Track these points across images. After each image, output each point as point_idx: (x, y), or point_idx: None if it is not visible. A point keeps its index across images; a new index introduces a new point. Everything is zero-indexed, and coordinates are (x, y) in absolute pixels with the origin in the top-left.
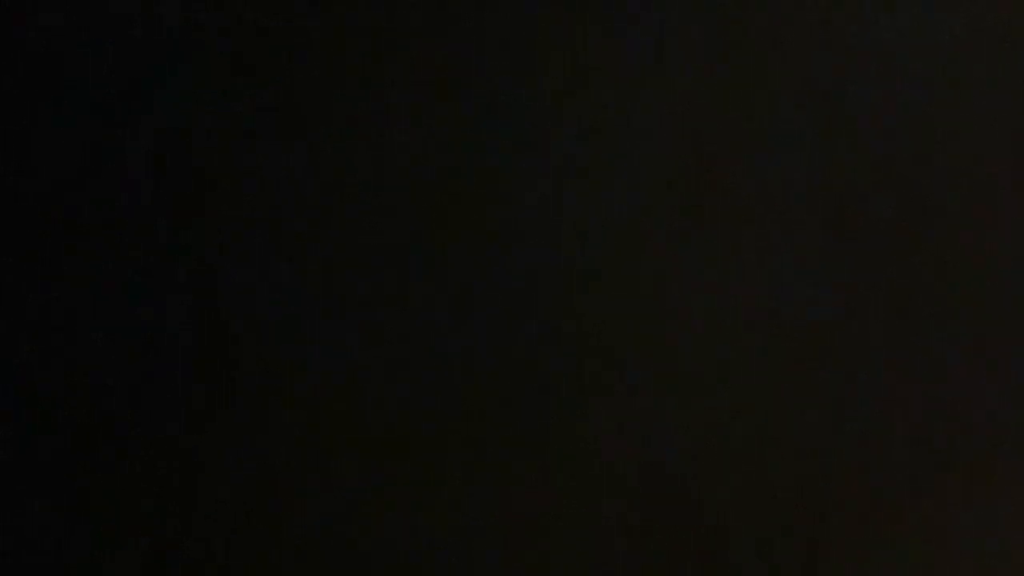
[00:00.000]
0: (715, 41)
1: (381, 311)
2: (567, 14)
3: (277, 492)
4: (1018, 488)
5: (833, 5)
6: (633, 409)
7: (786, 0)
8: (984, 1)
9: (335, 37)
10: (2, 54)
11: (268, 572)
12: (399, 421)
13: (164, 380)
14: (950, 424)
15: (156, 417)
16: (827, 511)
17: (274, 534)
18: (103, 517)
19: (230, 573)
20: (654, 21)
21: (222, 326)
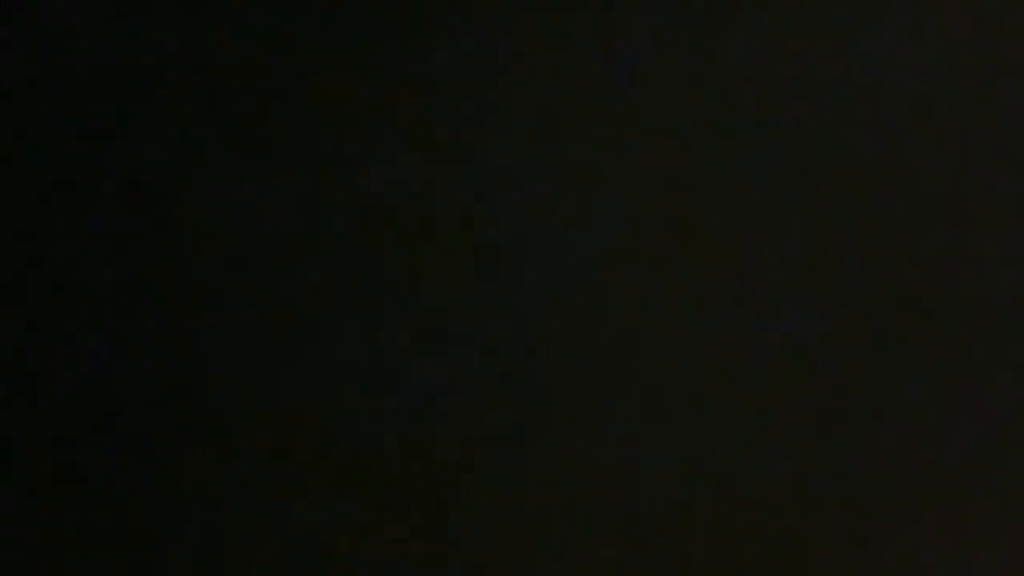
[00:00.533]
0: (705, 55)
1: (359, 330)
2: (566, 14)
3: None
4: (1004, 501)
5: (822, 25)
6: (612, 436)
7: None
8: (971, 28)
9: (318, 50)
10: None
11: None
12: (378, 451)
13: (135, 421)
14: (935, 455)
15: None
16: (813, 533)
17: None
18: (73, 557)
19: None
20: (648, 27)
21: (196, 364)
